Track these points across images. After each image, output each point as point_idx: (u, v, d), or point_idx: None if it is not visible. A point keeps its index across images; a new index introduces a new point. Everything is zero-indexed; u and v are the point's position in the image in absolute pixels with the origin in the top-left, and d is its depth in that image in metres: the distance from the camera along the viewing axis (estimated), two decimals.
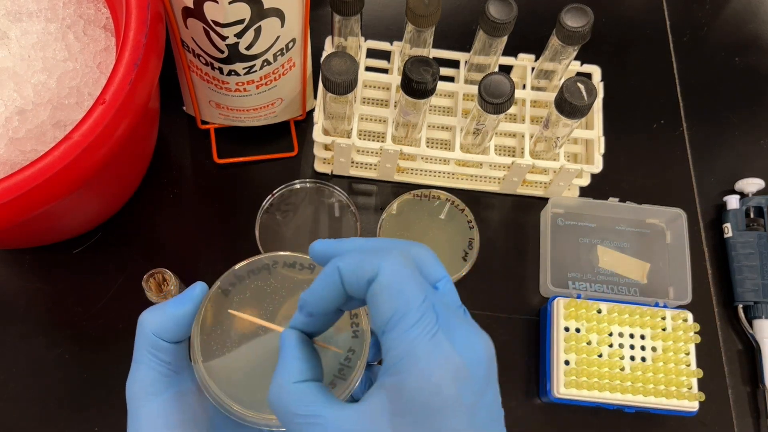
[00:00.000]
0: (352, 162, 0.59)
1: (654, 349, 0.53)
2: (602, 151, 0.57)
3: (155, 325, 0.31)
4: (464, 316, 0.29)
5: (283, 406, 0.27)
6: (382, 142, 0.55)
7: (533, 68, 0.60)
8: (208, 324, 0.31)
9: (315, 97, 0.59)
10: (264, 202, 0.57)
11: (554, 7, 0.55)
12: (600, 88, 0.58)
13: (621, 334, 0.53)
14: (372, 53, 0.60)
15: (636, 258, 0.59)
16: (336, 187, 0.58)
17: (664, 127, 0.66)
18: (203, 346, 0.31)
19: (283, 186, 0.58)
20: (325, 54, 0.56)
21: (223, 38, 0.48)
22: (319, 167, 0.60)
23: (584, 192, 0.61)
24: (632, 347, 0.53)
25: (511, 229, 0.60)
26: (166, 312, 0.31)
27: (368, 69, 0.60)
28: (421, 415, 0.25)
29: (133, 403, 0.32)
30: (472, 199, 0.60)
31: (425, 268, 0.29)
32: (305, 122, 0.62)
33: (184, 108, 0.61)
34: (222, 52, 0.49)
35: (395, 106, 0.56)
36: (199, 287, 0.32)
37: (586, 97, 0.49)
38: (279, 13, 0.48)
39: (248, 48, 0.49)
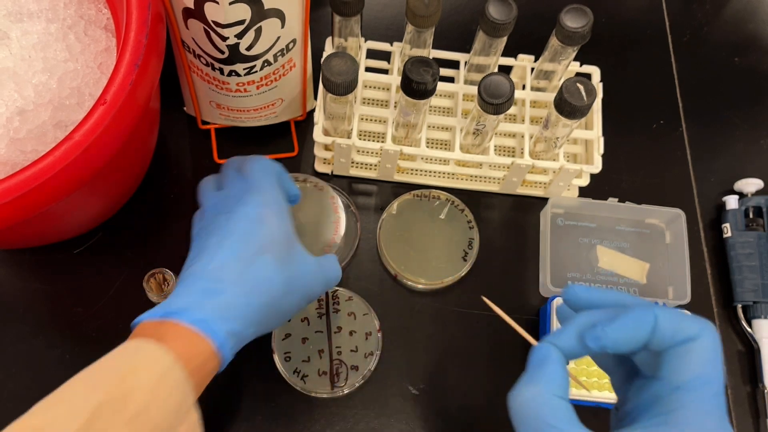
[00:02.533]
0: (352, 162, 0.59)
1: None
2: (602, 151, 0.57)
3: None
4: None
5: (537, 413, 0.29)
6: (382, 142, 0.55)
7: (533, 69, 0.60)
8: None
9: (315, 97, 0.59)
10: None
11: (554, 8, 0.55)
12: (599, 88, 0.58)
13: None
14: (372, 54, 0.60)
15: (635, 258, 0.59)
16: (336, 187, 0.58)
17: (663, 127, 0.66)
18: None
19: None
20: (325, 54, 0.56)
21: (224, 39, 0.48)
22: (320, 167, 0.60)
23: (584, 192, 0.61)
24: None
25: (511, 229, 0.61)
26: None
27: (368, 69, 0.60)
28: None
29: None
30: (472, 199, 0.61)
31: None
32: (305, 122, 0.62)
33: (185, 108, 0.61)
34: (222, 52, 0.49)
35: (395, 106, 0.56)
36: None
37: (585, 98, 0.49)
38: (279, 14, 0.48)
39: (249, 48, 0.49)
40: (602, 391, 0.51)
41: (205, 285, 0.37)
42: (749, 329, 0.58)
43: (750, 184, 0.61)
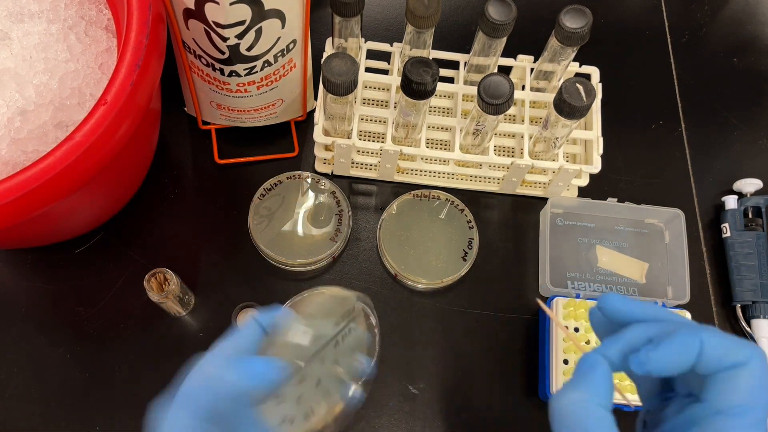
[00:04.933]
0: (353, 162, 0.59)
1: None
2: (601, 151, 0.57)
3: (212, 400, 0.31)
4: None
5: (580, 420, 0.29)
6: (382, 142, 0.55)
7: (532, 69, 0.60)
8: None
9: (315, 97, 0.60)
10: (256, 193, 0.58)
11: (553, 8, 0.56)
12: (599, 88, 0.58)
13: None
14: (372, 54, 0.60)
15: (635, 258, 0.60)
16: (325, 179, 0.59)
17: (662, 127, 0.66)
18: None
19: (273, 178, 0.59)
20: (325, 55, 0.56)
21: (224, 39, 0.48)
22: (320, 167, 0.61)
23: (583, 192, 0.61)
24: None
25: (511, 229, 0.61)
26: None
27: (368, 70, 0.60)
28: None
29: None
30: (472, 199, 0.61)
31: None
32: (306, 122, 0.62)
33: (186, 109, 0.61)
34: (223, 53, 0.50)
35: (395, 106, 0.56)
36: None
37: (584, 98, 0.50)
38: (280, 15, 0.48)
39: (249, 49, 0.50)
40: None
41: None
42: (748, 329, 0.58)
43: (749, 184, 0.61)
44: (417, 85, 0.49)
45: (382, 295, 0.57)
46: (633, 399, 0.51)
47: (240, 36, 0.48)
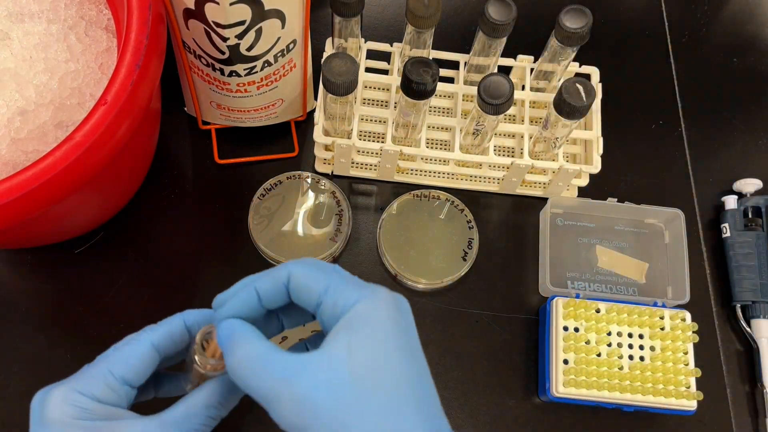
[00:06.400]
0: (353, 162, 0.59)
1: (652, 348, 0.53)
2: (601, 151, 0.57)
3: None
4: None
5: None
6: (382, 142, 0.55)
7: (532, 69, 0.60)
8: None
9: (315, 97, 0.60)
10: (256, 192, 0.58)
11: (553, 9, 0.56)
12: (599, 89, 0.58)
13: (620, 334, 0.53)
14: (372, 54, 0.60)
15: (634, 258, 0.60)
16: (325, 179, 0.59)
17: (662, 127, 0.66)
18: None
19: (273, 178, 0.59)
20: (325, 55, 0.56)
21: (224, 39, 0.48)
22: (320, 167, 0.61)
23: (583, 192, 0.61)
24: (631, 346, 0.53)
25: (511, 229, 0.61)
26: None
27: (368, 70, 0.60)
28: None
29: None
30: (472, 199, 0.61)
31: None
32: (306, 123, 0.62)
33: (186, 109, 0.61)
34: (223, 53, 0.50)
35: (395, 106, 0.56)
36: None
37: (584, 98, 0.50)
38: (280, 15, 0.48)
39: (249, 49, 0.50)
40: (601, 391, 0.51)
41: None
42: (748, 329, 0.58)
43: (749, 185, 0.61)
44: (417, 85, 0.49)
45: None
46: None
47: (240, 36, 0.48)
